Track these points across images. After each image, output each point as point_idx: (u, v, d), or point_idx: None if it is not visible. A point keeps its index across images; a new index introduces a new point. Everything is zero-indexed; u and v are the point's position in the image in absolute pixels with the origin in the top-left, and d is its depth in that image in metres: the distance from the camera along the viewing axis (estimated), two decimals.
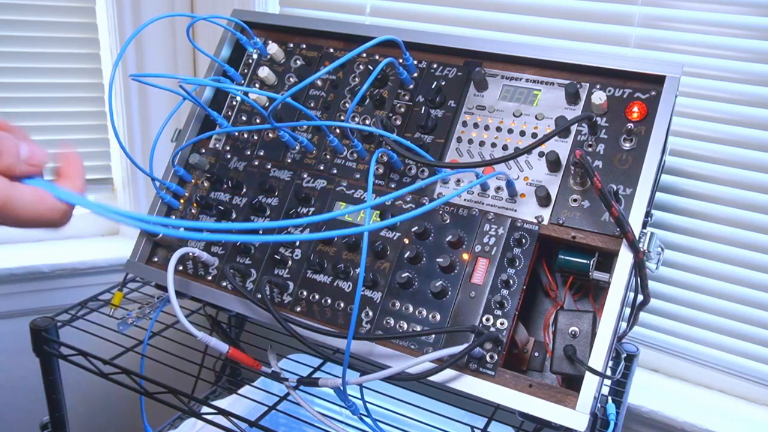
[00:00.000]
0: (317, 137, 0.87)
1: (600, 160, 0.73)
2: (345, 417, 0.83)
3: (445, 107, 0.82)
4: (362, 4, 1.16)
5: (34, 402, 1.40)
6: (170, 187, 0.90)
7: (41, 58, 1.29)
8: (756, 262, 0.96)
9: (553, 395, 0.66)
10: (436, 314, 0.73)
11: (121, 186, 1.43)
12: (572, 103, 0.76)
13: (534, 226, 0.73)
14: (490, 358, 0.69)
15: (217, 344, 0.74)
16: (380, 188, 0.81)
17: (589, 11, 0.99)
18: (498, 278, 0.72)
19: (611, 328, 0.66)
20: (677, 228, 1.01)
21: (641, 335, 1.09)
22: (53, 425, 0.93)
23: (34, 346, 0.87)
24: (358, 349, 0.74)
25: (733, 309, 1.00)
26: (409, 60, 0.82)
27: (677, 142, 0.97)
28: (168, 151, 0.92)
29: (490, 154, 0.78)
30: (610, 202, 0.64)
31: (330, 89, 0.89)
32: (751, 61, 0.91)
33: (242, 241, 0.83)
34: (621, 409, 0.81)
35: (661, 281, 1.04)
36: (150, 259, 0.90)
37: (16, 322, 0.64)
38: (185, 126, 0.93)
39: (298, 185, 0.85)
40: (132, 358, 0.90)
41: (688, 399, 1.05)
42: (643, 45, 0.96)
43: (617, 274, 0.67)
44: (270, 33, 0.95)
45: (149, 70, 1.34)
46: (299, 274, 0.81)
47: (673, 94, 0.71)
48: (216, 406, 0.77)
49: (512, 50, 0.80)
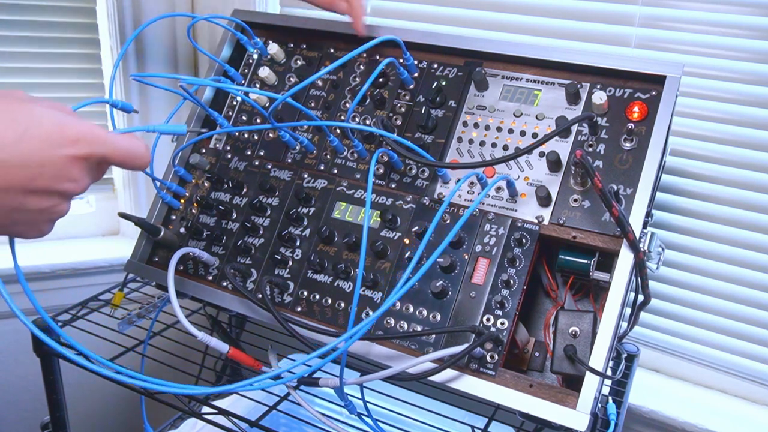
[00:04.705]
0: (318, 137, 0.87)
1: (600, 160, 0.73)
2: (345, 417, 0.83)
3: (445, 107, 0.82)
4: None
5: (35, 402, 1.40)
6: (171, 187, 0.90)
7: (42, 58, 1.29)
8: (756, 262, 0.96)
9: (554, 395, 0.66)
10: (436, 314, 0.73)
11: (122, 186, 1.43)
12: (573, 103, 0.76)
13: (534, 226, 0.73)
14: (491, 358, 0.69)
15: (217, 344, 0.74)
16: (380, 188, 0.81)
17: (589, 11, 0.99)
18: (498, 278, 0.72)
19: (612, 328, 0.66)
20: (677, 228, 1.01)
21: (642, 335, 1.09)
22: (54, 425, 0.93)
23: (35, 346, 0.87)
24: (358, 349, 0.74)
25: (734, 309, 1.00)
26: (409, 60, 0.82)
27: (678, 142, 0.97)
28: (168, 151, 0.92)
29: (490, 154, 0.78)
30: (610, 202, 0.64)
31: (330, 89, 0.89)
32: (751, 61, 0.91)
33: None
34: (621, 409, 0.81)
35: (661, 281, 1.04)
36: (150, 259, 0.90)
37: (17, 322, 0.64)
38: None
39: (299, 185, 0.85)
40: (132, 358, 0.90)
41: (688, 399, 1.05)
42: (644, 45, 0.96)
43: (618, 274, 0.67)
44: (270, 33, 0.95)
45: (150, 70, 1.34)
46: (300, 274, 0.81)
47: (674, 94, 0.71)
48: (216, 406, 0.77)
49: (513, 50, 0.80)
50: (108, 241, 1.46)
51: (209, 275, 0.85)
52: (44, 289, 1.32)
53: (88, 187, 0.53)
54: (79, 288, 1.32)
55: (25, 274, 0.57)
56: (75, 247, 1.40)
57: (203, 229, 0.87)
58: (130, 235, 1.45)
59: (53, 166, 0.48)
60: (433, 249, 0.75)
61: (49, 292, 1.33)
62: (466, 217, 0.62)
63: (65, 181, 0.49)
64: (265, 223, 0.85)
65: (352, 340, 0.61)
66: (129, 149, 0.53)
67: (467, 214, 0.62)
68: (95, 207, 1.46)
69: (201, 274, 0.86)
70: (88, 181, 0.52)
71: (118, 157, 0.52)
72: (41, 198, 0.49)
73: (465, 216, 0.62)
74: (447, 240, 0.58)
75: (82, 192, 0.52)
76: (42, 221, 0.51)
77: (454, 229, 0.59)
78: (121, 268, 0.93)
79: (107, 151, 0.51)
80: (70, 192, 0.50)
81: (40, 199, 0.49)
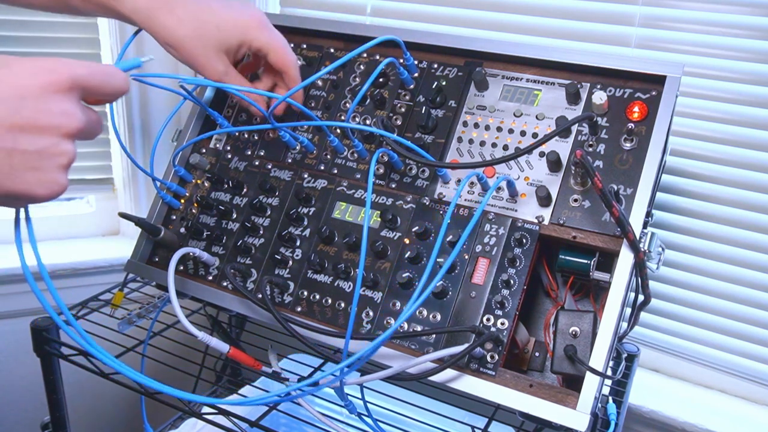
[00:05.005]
0: (318, 137, 0.87)
1: (600, 160, 0.73)
2: (345, 417, 0.83)
3: (445, 107, 0.82)
4: (363, 4, 1.16)
5: (35, 402, 1.40)
6: (171, 187, 0.90)
7: None
8: (756, 262, 0.96)
9: (554, 395, 0.66)
10: (436, 314, 0.73)
11: (122, 186, 1.43)
12: (573, 103, 0.76)
13: (534, 226, 0.73)
14: (491, 358, 0.69)
15: (217, 344, 0.74)
16: (380, 188, 0.81)
17: (589, 11, 0.99)
18: (498, 278, 0.72)
19: (612, 328, 0.66)
20: (678, 228, 1.01)
21: (642, 335, 1.09)
22: (54, 425, 0.93)
23: (35, 345, 0.87)
24: (358, 349, 0.74)
25: (734, 309, 1.00)
26: (409, 60, 0.82)
27: (678, 142, 0.97)
28: (168, 151, 0.92)
29: (490, 154, 0.78)
30: (610, 202, 0.64)
31: (330, 89, 0.89)
32: (751, 61, 0.91)
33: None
34: (621, 409, 0.81)
35: (661, 281, 1.04)
36: (150, 259, 0.90)
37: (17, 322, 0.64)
38: (186, 126, 0.93)
39: (299, 185, 0.85)
40: (132, 358, 0.90)
41: (688, 399, 1.05)
42: (644, 45, 0.96)
43: (618, 274, 0.67)
44: None
45: (150, 70, 1.33)
46: (300, 274, 0.81)
47: (674, 94, 0.71)
48: (216, 406, 0.77)
49: (513, 50, 0.80)
50: (108, 241, 1.46)
51: (209, 275, 0.85)
52: (44, 288, 1.32)
53: (84, 123, 0.50)
54: (79, 288, 1.32)
55: None
56: (75, 247, 1.40)
57: (203, 229, 0.87)
58: (130, 235, 1.45)
59: (34, 97, 0.47)
60: (433, 248, 0.76)
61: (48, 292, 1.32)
62: (475, 220, 0.62)
63: (54, 113, 0.48)
64: (265, 223, 0.85)
65: (378, 342, 0.60)
66: (105, 69, 0.52)
67: (475, 217, 0.62)
68: (95, 207, 1.46)
69: (201, 274, 0.86)
70: (80, 114, 0.50)
71: (97, 79, 0.51)
72: (34, 136, 0.47)
73: (474, 219, 0.62)
74: (461, 240, 0.58)
75: (79, 127, 0.50)
76: (49, 168, 0.49)
77: (464, 235, 0.59)
78: (121, 268, 0.93)
79: (85, 73, 0.49)
80: (64, 127, 0.49)
81: (33, 137, 0.47)
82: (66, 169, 0.50)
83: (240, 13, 0.79)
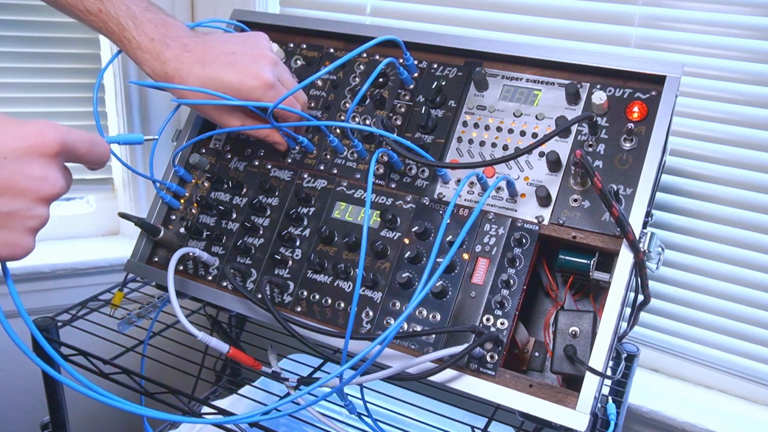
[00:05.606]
0: (317, 137, 0.87)
1: (600, 160, 0.73)
2: (345, 417, 0.83)
3: (445, 107, 0.82)
4: (362, 4, 1.16)
5: (35, 402, 1.41)
6: (171, 187, 0.90)
7: (41, 58, 1.29)
8: (756, 262, 0.96)
9: (554, 395, 0.66)
10: (436, 314, 0.73)
11: (122, 186, 1.43)
12: (572, 103, 0.76)
13: (534, 226, 0.73)
14: (491, 358, 0.69)
15: (217, 344, 0.74)
16: (380, 188, 0.81)
17: (589, 11, 0.99)
18: (498, 278, 0.72)
19: (611, 328, 0.66)
20: (677, 228, 1.01)
21: (641, 335, 1.09)
22: (54, 425, 0.93)
23: (35, 345, 0.87)
24: (357, 349, 0.74)
25: (734, 309, 1.00)
26: (409, 60, 0.82)
27: (678, 142, 0.97)
28: (168, 151, 0.92)
29: (490, 154, 0.78)
30: (610, 202, 0.64)
31: (330, 89, 0.89)
32: (751, 61, 0.91)
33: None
34: (621, 409, 0.81)
35: (661, 281, 1.04)
36: (150, 259, 0.90)
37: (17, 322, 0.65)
38: (185, 126, 0.93)
39: (299, 185, 0.85)
40: (132, 358, 0.90)
41: (688, 399, 1.05)
42: (644, 45, 0.96)
43: (617, 274, 0.67)
44: (270, 33, 0.95)
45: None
46: (299, 274, 0.81)
47: (674, 94, 0.71)
48: (216, 406, 0.77)
49: (513, 50, 0.80)
50: (108, 241, 1.46)
51: (209, 275, 0.85)
52: (44, 289, 1.33)
53: (63, 188, 0.50)
54: (79, 288, 1.32)
55: (26, 274, 0.57)
56: (75, 247, 1.40)
57: (203, 229, 0.87)
58: (130, 235, 1.45)
59: (16, 158, 0.46)
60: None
61: (49, 292, 1.33)
62: (472, 220, 0.62)
63: (33, 177, 0.47)
64: (265, 223, 0.85)
65: (386, 342, 0.60)
66: (92, 138, 0.52)
67: (473, 216, 0.61)
68: (95, 207, 1.46)
69: (201, 274, 0.86)
70: (60, 180, 0.49)
71: (82, 147, 0.50)
72: (8, 197, 0.46)
73: (471, 218, 0.62)
74: (459, 239, 0.58)
75: (57, 193, 0.49)
76: (16, 229, 0.48)
77: (462, 234, 0.59)
78: (121, 268, 0.93)
79: (70, 140, 0.49)
80: (42, 191, 0.48)
81: (8, 198, 0.46)
82: (35, 232, 0.50)
83: (243, 76, 0.76)
